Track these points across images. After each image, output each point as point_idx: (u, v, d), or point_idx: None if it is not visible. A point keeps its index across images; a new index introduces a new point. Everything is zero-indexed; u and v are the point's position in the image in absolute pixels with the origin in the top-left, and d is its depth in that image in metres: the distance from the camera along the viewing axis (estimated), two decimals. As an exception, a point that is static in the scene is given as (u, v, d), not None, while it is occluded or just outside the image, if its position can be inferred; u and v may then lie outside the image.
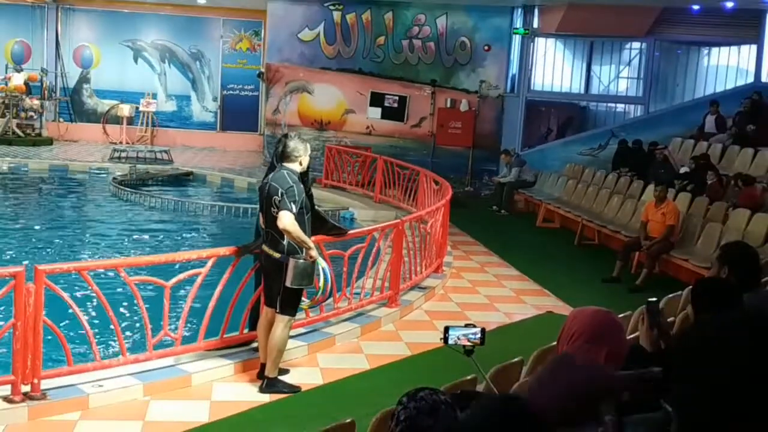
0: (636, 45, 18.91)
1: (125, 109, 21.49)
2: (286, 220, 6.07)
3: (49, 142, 20.83)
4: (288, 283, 6.21)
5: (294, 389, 6.50)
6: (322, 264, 6.48)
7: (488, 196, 17.32)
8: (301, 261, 6.19)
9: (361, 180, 15.96)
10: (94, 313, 7.38)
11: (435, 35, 19.25)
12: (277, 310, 6.40)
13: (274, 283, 6.38)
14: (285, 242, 6.20)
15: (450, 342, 3.89)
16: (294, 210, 6.11)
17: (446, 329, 3.90)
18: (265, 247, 6.34)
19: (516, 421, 1.87)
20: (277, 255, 6.24)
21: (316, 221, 6.67)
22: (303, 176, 6.42)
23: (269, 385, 6.44)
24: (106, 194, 15.94)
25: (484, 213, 15.83)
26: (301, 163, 6.34)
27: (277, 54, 19.66)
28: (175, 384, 6.36)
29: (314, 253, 6.35)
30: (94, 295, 6.38)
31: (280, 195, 6.12)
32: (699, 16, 17.31)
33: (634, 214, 12.47)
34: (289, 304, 6.39)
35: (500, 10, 18.82)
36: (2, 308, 6.39)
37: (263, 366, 6.57)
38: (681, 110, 17.38)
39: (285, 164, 6.31)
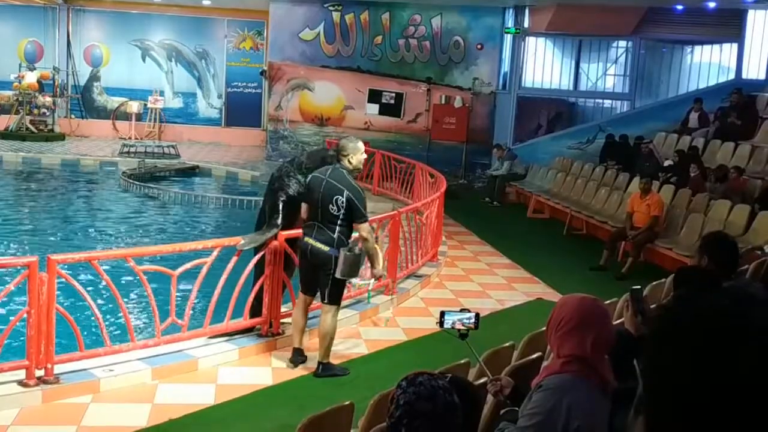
0: (622, 43, 18.99)
1: (134, 106, 21.65)
2: (367, 231, 6.44)
3: (61, 137, 21.02)
4: (338, 275, 6.27)
5: (345, 372, 6.61)
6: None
7: (481, 189, 17.49)
8: (350, 253, 6.28)
9: (359, 173, 16.37)
10: (104, 301, 7.39)
11: (430, 34, 19.44)
12: (325, 301, 6.46)
13: (321, 275, 6.42)
14: (335, 236, 6.31)
15: (446, 326, 3.87)
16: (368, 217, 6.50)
17: (442, 314, 3.88)
18: (310, 240, 6.38)
19: None
20: (326, 248, 6.29)
21: None
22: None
23: (325, 369, 6.52)
24: (115, 187, 16.19)
25: (478, 204, 15.96)
26: (350, 161, 6.50)
27: (279, 53, 19.86)
28: (182, 368, 6.45)
29: (379, 270, 6.72)
30: (104, 283, 6.44)
31: (348, 198, 6.28)
32: (682, 15, 17.46)
33: (620, 205, 12.61)
34: (337, 294, 6.50)
35: (492, 10, 19.01)
36: (18, 295, 6.61)
37: (295, 350, 6.69)
38: (665, 106, 17.42)
39: (339, 162, 6.50)
